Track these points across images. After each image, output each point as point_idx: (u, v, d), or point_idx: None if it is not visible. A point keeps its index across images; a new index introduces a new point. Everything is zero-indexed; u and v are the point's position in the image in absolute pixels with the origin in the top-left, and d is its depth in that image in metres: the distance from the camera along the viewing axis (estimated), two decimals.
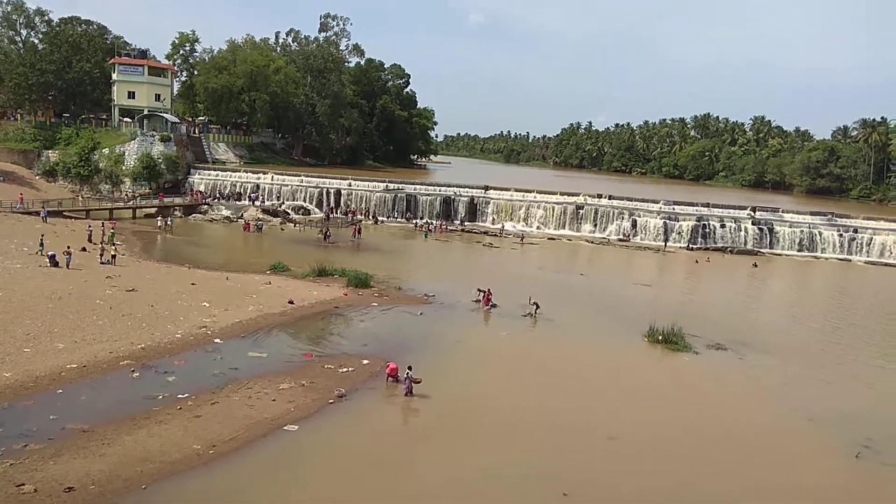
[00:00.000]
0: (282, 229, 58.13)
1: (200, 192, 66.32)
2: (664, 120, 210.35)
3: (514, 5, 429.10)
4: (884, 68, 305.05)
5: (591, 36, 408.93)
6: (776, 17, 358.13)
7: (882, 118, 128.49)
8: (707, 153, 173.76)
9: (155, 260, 41.75)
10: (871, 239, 63.41)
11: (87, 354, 23.04)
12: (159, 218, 55.86)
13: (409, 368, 22.62)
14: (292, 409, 20.29)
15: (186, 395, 20.66)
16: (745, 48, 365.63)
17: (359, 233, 56.38)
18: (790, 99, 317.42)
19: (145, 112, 76.29)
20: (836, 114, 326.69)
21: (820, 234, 64.13)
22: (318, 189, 67.76)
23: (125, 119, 77.17)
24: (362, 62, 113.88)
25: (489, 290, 35.36)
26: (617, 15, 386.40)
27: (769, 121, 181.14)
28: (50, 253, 36.16)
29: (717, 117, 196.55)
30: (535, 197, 69.01)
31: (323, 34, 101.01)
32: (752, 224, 64.54)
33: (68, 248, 37.31)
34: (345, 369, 23.99)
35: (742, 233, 63.92)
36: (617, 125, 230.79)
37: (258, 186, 67.43)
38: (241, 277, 37.14)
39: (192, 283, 34.34)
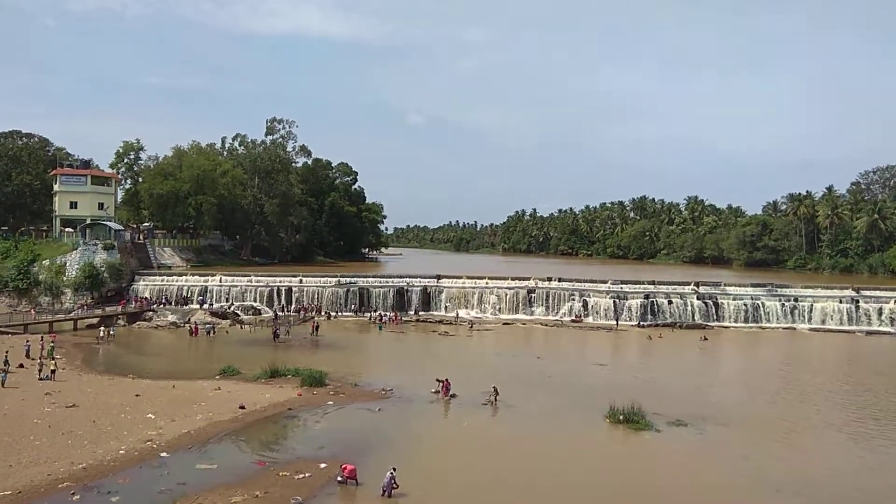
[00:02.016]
0: (226, 332, 56.65)
1: (145, 298, 64.68)
2: (604, 203, 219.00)
3: (451, 110, 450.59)
4: (808, 148, 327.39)
5: (530, 138, 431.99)
6: (703, 106, 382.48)
7: (808, 192, 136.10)
8: (647, 233, 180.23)
9: (97, 372, 39.98)
10: (812, 306, 65.37)
11: (22, 479, 21.43)
12: (102, 328, 53.90)
13: (394, 469, 21.63)
14: None
15: None
16: (675, 133, 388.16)
17: (316, 329, 55.65)
18: (719, 178, 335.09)
19: (88, 221, 75.13)
20: (764, 189, 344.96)
21: (763, 304, 65.88)
22: (269, 288, 67.31)
23: (67, 229, 75.80)
24: (310, 162, 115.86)
25: (447, 380, 34.86)
26: (554, 119, 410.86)
27: (702, 200, 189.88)
28: None
29: (653, 199, 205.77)
30: (487, 283, 69.77)
31: (270, 137, 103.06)
32: (698, 299, 66.09)
33: (4, 365, 35.49)
34: (301, 475, 22.86)
35: (689, 308, 65.29)
36: (561, 210, 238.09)
37: (206, 289, 66.28)
38: (189, 385, 35.77)
39: (137, 395, 32.86)
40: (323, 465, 23.81)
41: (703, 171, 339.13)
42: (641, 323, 63.99)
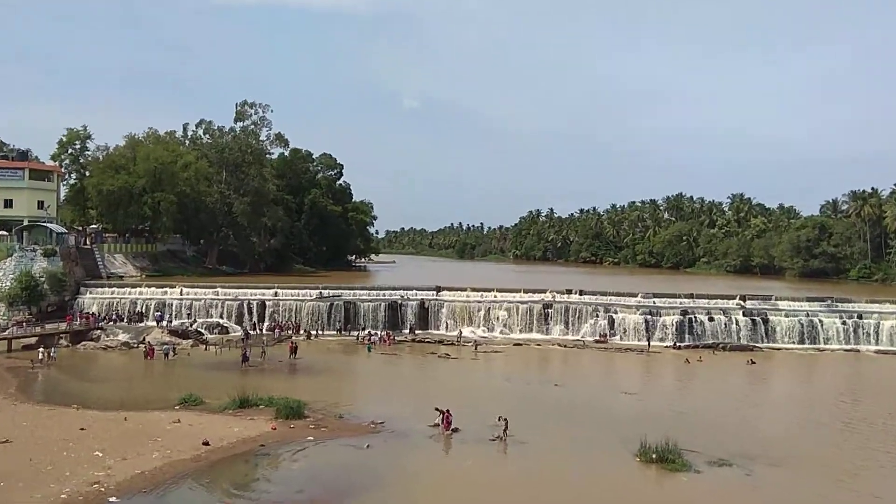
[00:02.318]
0: (187, 354, 56.53)
1: (92, 314, 64.51)
2: (633, 203, 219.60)
3: (452, 93, 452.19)
4: (872, 138, 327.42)
5: (543, 130, 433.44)
6: (748, 89, 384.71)
7: (873, 189, 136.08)
8: (684, 237, 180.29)
9: (35, 402, 39.78)
10: (879, 325, 65.36)
11: None
12: (41, 349, 53.60)
13: None
14: None
15: None
16: (715, 120, 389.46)
17: (294, 351, 55.69)
18: (768, 173, 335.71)
19: (25, 223, 75.20)
20: (822, 186, 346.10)
21: (820, 322, 65.86)
22: (238, 302, 67.28)
23: (1, 232, 75.77)
24: (287, 153, 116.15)
25: (448, 411, 34.75)
26: (573, 106, 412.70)
27: (749, 198, 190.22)
28: None
29: (691, 197, 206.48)
30: (495, 296, 69.78)
31: (240, 123, 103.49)
32: (744, 315, 66.18)
33: None
34: None
35: (733, 326, 65.43)
36: (582, 210, 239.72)
37: (164, 303, 66.29)
38: (144, 416, 35.65)
39: (82, 428, 32.65)
40: None
41: (749, 166, 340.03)
42: (677, 344, 63.84)
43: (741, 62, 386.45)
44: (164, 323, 63.93)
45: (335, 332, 66.35)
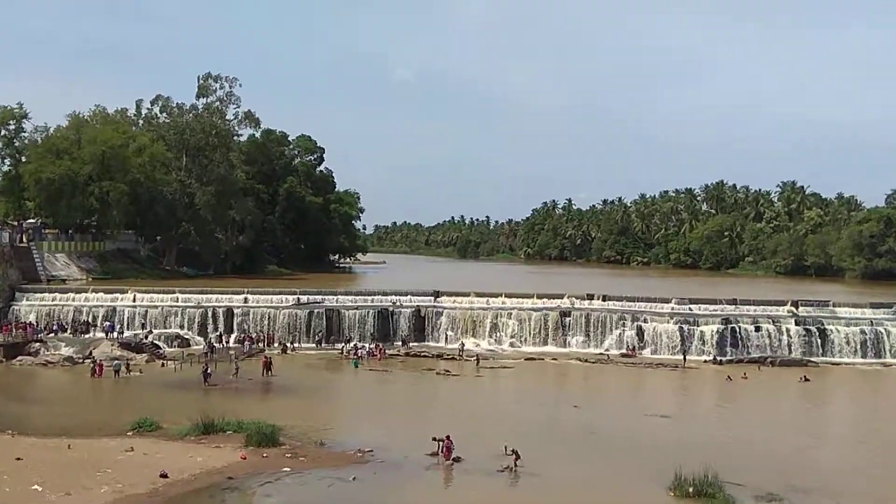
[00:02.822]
0: (140, 371, 56.33)
1: (30, 324, 64.26)
2: (666, 192, 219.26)
3: (451, 62, 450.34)
4: None
5: (560, 107, 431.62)
6: (803, 61, 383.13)
7: None
8: (726, 233, 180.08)
9: None
10: None
11: None
12: None
13: None
14: None
15: None
16: (764, 96, 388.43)
17: (269, 368, 55.74)
18: (824, 158, 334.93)
19: None
20: (889, 174, 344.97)
21: (887, 332, 65.77)
22: (201, 309, 67.20)
23: None
24: (258, 135, 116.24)
25: (448, 437, 34.58)
26: (592, 79, 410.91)
27: (802, 186, 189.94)
28: None
29: (735, 186, 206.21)
30: (503, 303, 70.15)
31: (202, 100, 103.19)
32: (796, 324, 66.26)
33: None
34: None
35: (784, 337, 65.50)
36: (605, 202, 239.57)
37: (114, 311, 66.23)
38: (91, 444, 35.40)
39: (18, 458, 32.32)
40: None
41: (802, 149, 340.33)
42: (718, 358, 63.79)
43: (792, 30, 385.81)
44: (115, 335, 63.52)
45: (315, 345, 66.28)
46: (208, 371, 52.95)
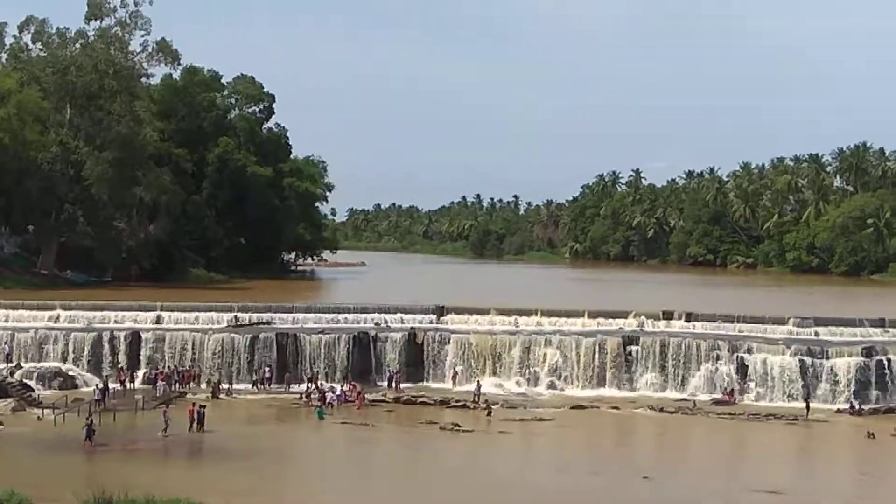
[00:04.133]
0: (1, 425, 47.52)
1: None
2: (781, 160, 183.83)
3: None
4: None
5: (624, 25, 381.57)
6: None
7: None
8: (870, 220, 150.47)
9: None
10: None
11: None
12: None
13: None
14: None
15: None
16: None
17: (200, 423, 47.08)
18: None
19: None
20: None
21: None
22: (94, 334, 58.04)
23: None
24: (177, 75, 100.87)
25: None
26: None
27: None
28: None
29: (882, 150, 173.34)
30: (539, 323, 62.03)
31: (95, 24, 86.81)
32: None
33: None
34: None
35: None
36: (690, 174, 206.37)
37: None
38: None
39: None
40: None
41: None
42: (857, 405, 53.90)
43: None
44: None
45: (260, 387, 55.92)
46: (92, 426, 43.89)
